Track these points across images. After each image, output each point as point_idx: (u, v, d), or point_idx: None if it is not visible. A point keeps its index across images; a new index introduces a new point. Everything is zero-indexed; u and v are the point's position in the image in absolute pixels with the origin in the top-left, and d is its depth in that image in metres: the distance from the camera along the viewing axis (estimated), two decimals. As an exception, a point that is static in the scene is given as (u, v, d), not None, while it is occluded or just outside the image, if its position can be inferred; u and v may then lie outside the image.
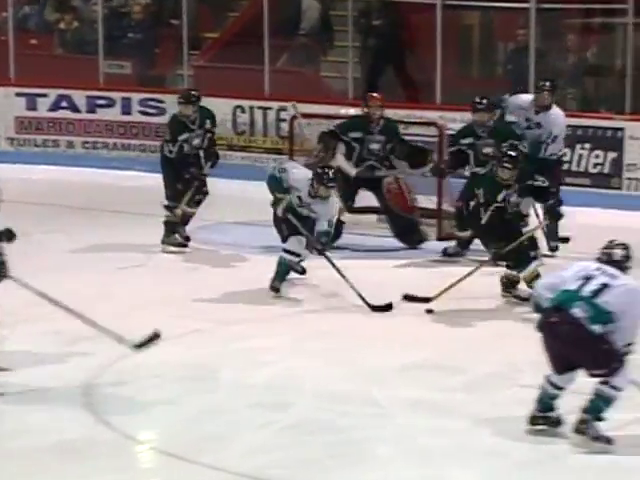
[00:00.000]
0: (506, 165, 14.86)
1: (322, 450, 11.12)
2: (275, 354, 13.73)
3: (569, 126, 19.28)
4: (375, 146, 17.85)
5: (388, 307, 14.62)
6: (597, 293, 10.58)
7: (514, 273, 15.31)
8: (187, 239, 17.53)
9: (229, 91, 22.01)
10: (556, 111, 17.19)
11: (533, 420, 10.85)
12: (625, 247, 11.13)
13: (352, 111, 18.95)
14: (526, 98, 17.53)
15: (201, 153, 17.32)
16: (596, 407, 10.53)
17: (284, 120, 20.28)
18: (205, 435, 11.09)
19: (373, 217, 18.64)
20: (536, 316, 11.07)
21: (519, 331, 13.47)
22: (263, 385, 12.87)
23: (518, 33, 21.73)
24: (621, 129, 20.34)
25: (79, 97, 23.87)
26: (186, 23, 23.08)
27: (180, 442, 10.82)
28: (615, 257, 11.03)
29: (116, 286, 15.79)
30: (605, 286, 10.61)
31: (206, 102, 20.85)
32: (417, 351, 13.62)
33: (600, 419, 10.48)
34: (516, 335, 13.48)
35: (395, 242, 18.03)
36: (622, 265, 10.92)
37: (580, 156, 20.07)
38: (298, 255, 15.51)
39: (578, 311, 10.48)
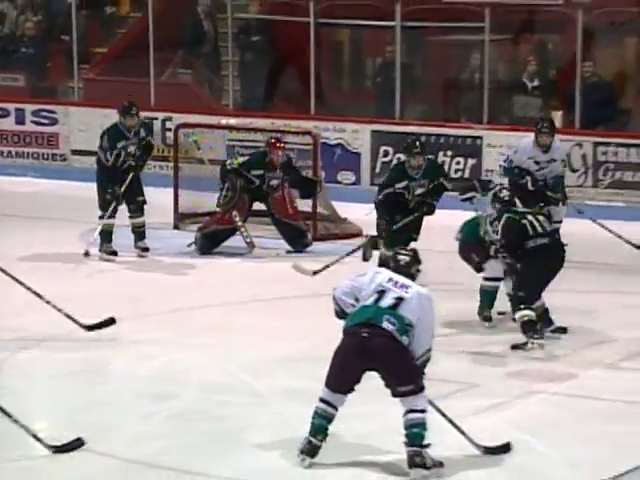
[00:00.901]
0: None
1: (204, 437, 11.13)
2: (160, 348, 13.66)
3: (433, 135, 19.52)
4: (274, 182, 17.76)
5: None
6: (395, 307, 10.22)
7: None
8: (146, 249, 17.40)
9: (117, 102, 21.94)
10: (557, 142, 16.70)
11: (311, 449, 10.19)
12: (411, 254, 10.83)
13: (232, 121, 18.91)
14: (527, 145, 16.75)
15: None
16: (415, 436, 9.98)
17: (169, 129, 20.23)
18: (95, 425, 10.94)
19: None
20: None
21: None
22: (149, 377, 12.84)
23: (385, 49, 21.73)
24: (479, 137, 20.52)
25: (-25, 108, 23.48)
26: (76, 39, 22.87)
27: (71, 431, 10.56)
28: (402, 264, 10.67)
29: (11, 284, 15.38)
30: (400, 299, 10.24)
31: (95, 112, 20.89)
32: (296, 343, 13.64)
33: (426, 446, 10.00)
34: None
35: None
36: (410, 272, 10.57)
37: (443, 162, 19.96)
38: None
39: (387, 324, 10.05)
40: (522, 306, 13.25)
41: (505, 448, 10.52)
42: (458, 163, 20.52)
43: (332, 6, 21.31)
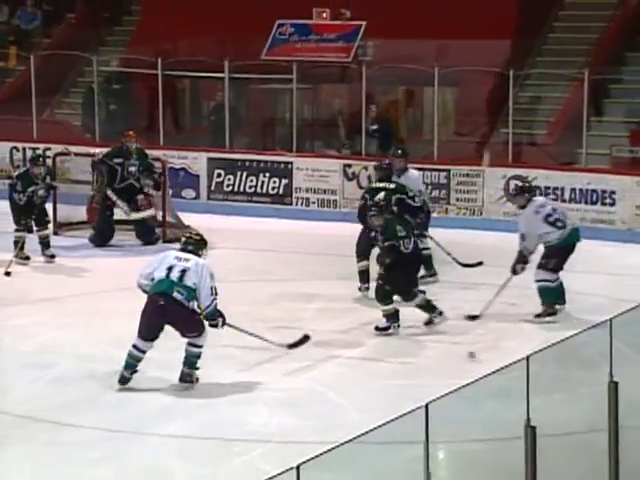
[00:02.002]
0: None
1: (77, 396, 11.24)
2: (42, 328, 13.53)
3: (254, 160, 19.64)
4: (132, 168, 17.68)
5: None
6: (182, 278, 11.08)
7: None
8: (52, 257, 16.94)
9: (7, 136, 21.73)
10: (412, 172, 15.84)
11: (123, 380, 11.27)
12: (197, 236, 11.73)
13: (98, 150, 18.83)
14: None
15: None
16: (191, 362, 11.28)
17: (49, 157, 19.95)
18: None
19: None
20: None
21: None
22: (33, 351, 12.70)
23: (217, 94, 21.62)
24: (290, 163, 20.36)
25: None
26: None
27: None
28: (187, 244, 11.49)
29: None
30: (184, 271, 11.11)
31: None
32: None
33: (196, 369, 11.27)
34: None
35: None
36: (194, 250, 11.38)
37: (262, 182, 20.09)
38: None
39: (177, 295, 11.02)
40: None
41: (305, 339, 12.12)
42: (274, 182, 20.32)
43: (177, 62, 21.23)
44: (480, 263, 15.26)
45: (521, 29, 21.60)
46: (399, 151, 15.99)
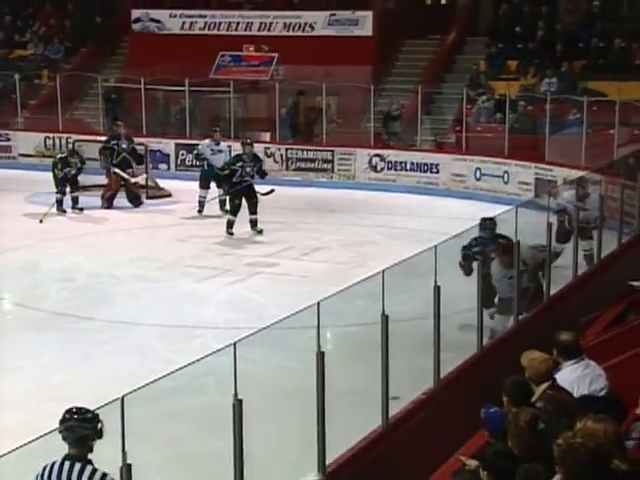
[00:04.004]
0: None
1: (92, 299, 11.28)
2: (68, 255, 13.37)
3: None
4: (124, 146, 17.14)
5: None
6: None
7: None
8: (81, 209, 16.50)
9: (41, 129, 21.51)
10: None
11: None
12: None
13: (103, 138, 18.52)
14: None
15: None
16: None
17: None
18: None
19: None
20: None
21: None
22: (61, 269, 12.52)
23: (181, 102, 20.91)
24: (230, 145, 20.00)
25: None
26: (19, 96, 21.82)
27: None
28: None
29: None
30: None
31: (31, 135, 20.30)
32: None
33: None
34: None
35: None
36: None
37: None
38: None
39: None
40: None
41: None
42: None
43: (154, 80, 20.72)
44: (272, 190, 14.61)
45: (378, 58, 21.49)
46: (248, 140, 15.76)
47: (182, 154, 20.26)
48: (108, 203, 17.00)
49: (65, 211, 16.44)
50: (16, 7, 25.56)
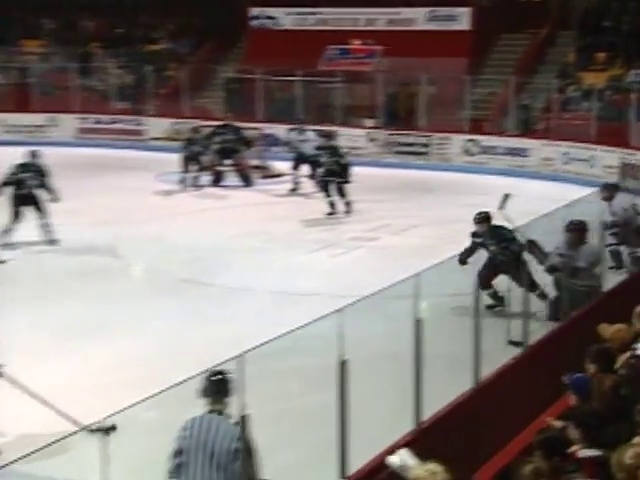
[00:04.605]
0: None
1: (214, 266, 11.37)
2: (194, 225, 13.41)
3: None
4: (228, 137, 16.89)
5: None
6: None
7: None
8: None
9: (169, 114, 21.88)
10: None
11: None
12: None
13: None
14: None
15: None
16: None
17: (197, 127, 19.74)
18: None
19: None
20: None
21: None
22: (183, 244, 12.45)
23: (290, 90, 21.03)
24: (336, 130, 19.94)
25: None
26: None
27: None
28: None
29: None
30: None
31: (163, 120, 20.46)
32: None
33: None
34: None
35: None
36: None
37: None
38: None
39: None
40: None
41: None
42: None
43: (268, 71, 20.89)
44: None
45: (474, 51, 21.25)
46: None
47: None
48: (214, 181, 16.98)
49: (202, 186, 16.53)
50: (149, 8, 25.95)
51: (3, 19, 24.95)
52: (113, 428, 6.30)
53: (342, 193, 14.35)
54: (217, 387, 4.62)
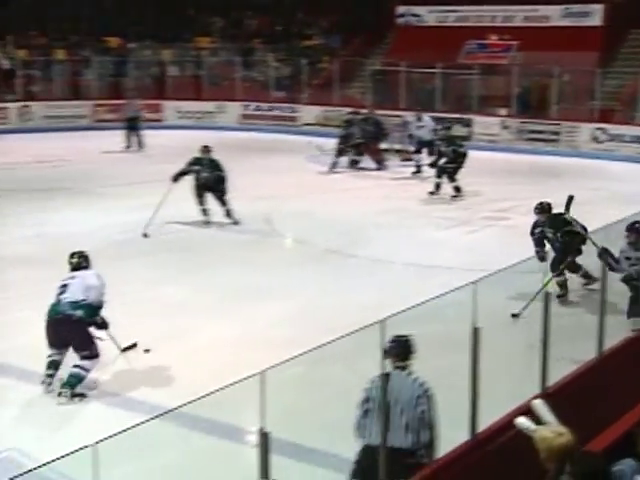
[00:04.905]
0: None
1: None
2: (312, 205, 13.79)
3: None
4: (369, 128, 16.55)
5: None
6: (63, 293, 6.82)
7: None
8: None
9: (321, 102, 22.03)
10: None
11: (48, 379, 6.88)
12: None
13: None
14: None
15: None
16: (70, 383, 6.61)
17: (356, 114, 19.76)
18: None
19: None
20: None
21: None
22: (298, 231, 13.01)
23: (431, 82, 20.87)
24: (470, 119, 19.80)
25: None
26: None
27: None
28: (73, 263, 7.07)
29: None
30: (65, 286, 6.85)
31: (314, 108, 20.50)
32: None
33: (74, 387, 6.65)
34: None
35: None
36: (80, 265, 7.03)
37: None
38: None
39: (67, 310, 6.72)
40: None
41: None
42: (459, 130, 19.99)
43: (410, 64, 20.96)
44: None
45: (605, 45, 20.55)
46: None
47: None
48: (352, 163, 16.76)
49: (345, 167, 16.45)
50: (305, 7, 26.13)
51: (181, 19, 25.70)
52: (134, 345, 7.39)
53: (453, 178, 14.08)
54: (400, 348, 4.83)
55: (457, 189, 14.11)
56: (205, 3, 26.18)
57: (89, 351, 6.79)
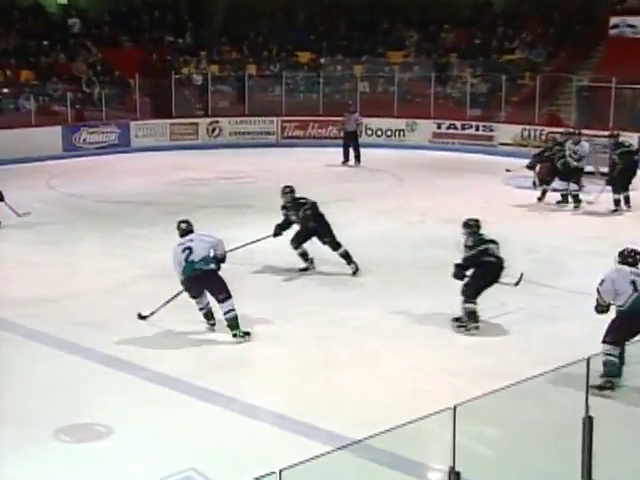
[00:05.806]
0: None
1: None
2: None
3: None
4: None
5: None
6: (190, 254, 8.34)
7: None
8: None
9: (519, 121, 21.63)
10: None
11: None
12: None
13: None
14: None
15: None
16: (234, 324, 8.36)
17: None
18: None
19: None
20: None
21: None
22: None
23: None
24: None
25: None
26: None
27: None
28: (182, 229, 8.57)
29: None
30: (190, 249, 8.35)
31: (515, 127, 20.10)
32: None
33: (239, 326, 8.34)
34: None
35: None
36: (188, 230, 8.53)
37: None
38: None
39: (200, 265, 8.26)
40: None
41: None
42: None
43: (625, 79, 20.23)
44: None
45: None
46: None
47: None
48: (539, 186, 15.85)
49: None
50: (506, 19, 25.69)
51: (374, 33, 26.06)
52: (144, 317, 8.83)
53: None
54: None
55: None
56: (401, 17, 26.43)
57: (226, 293, 8.38)
